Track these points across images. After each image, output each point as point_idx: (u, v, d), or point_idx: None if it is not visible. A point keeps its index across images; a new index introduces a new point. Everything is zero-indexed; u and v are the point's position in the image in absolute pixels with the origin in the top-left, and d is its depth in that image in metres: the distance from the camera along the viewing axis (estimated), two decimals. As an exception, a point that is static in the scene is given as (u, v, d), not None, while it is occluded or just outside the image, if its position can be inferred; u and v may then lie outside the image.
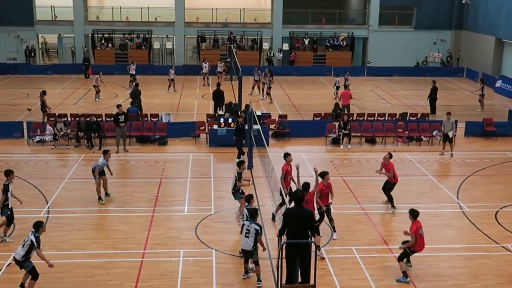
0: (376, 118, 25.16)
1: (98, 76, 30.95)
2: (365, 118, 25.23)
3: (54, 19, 43.30)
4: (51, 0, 42.01)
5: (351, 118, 24.47)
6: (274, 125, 24.40)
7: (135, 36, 42.50)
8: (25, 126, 23.34)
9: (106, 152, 17.03)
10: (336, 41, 43.21)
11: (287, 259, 10.83)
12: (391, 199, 16.33)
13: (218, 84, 27.91)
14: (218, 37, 42.61)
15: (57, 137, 22.31)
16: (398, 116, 25.70)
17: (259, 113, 24.39)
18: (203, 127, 23.53)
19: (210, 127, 23.00)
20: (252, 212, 12.18)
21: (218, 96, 26.65)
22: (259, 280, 11.99)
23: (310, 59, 42.75)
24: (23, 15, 40.93)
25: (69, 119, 23.74)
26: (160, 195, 17.34)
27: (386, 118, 25.18)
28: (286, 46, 43.23)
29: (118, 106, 22.39)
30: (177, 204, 16.71)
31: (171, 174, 19.37)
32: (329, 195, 14.27)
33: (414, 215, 12.34)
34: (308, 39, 43.21)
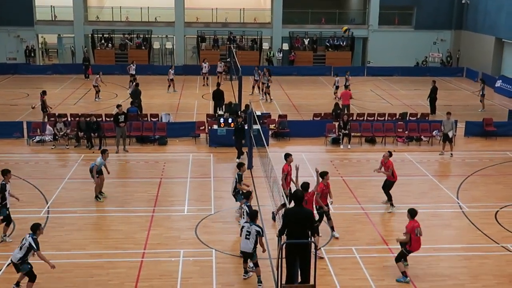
0: (376, 118, 25.16)
1: (98, 76, 30.96)
2: (365, 118, 25.23)
3: (54, 19, 43.28)
4: (51, 0, 42.01)
5: (351, 118, 24.47)
6: (274, 125, 24.40)
7: (135, 36, 42.48)
8: (25, 126, 23.35)
9: (104, 151, 17.02)
10: (336, 40, 43.22)
11: (287, 259, 10.82)
12: (390, 197, 16.37)
13: (218, 84, 27.90)
14: (218, 37, 42.60)
15: (57, 137, 22.31)
16: (398, 116, 25.70)
17: (259, 113, 24.39)
18: (203, 127, 23.54)
19: (210, 127, 23.00)
20: (253, 214, 12.17)
21: (218, 96, 26.66)
22: (259, 282, 11.97)
23: (310, 59, 42.74)
24: (23, 15, 40.92)
25: (69, 119, 23.74)
26: (160, 195, 17.34)
27: (386, 118, 25.18)
28: (286, 46, 43.22)
29: (118, 106, 22.40)
30: (177, 204, 16.72)
31: (171, 174, 19.37)
32: (327, 195, 14.30)
33: (412, 214, 12.34)
34: (308, 39, 43.20)
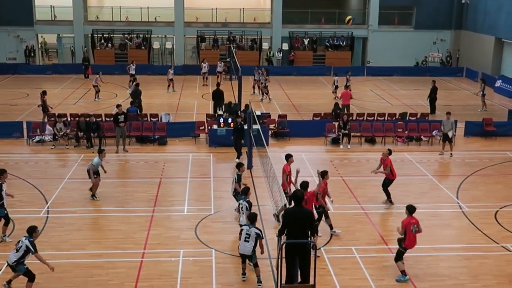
0: (375, 118, 25.16)
1: (98, 76, 30.97)
2: (364, 118, 25.23)
3: (53, 19, 43.28)
4: (50, 0, 42.01)
5: (351, 118, 24.47)
6: (274, 125, 24.39)
7: (134, 36, 42.50)
8: (24, 126, 23.33)
9: (101, 151, 17.02)
10: (336, 40, 43.23)
11: (286, 259, 10.82)
12: (388, 194, 16.45)
13: (217, 84, 27.90)
14: (218, 37, 42.62)
15: (56, 137, 22.30)
16: (397, 116, 25.70)
17: (258, 113, 24.39)
18: (203, 127, 23.53)
19: (209, 127, 22.99)
20: (252, 217, 12.12)
21: (218, 96, 26.65)
22: (259, 282, 11.95)
23: (309, 59, 42.75)
24: (23, 15, 40.92)
25: (68, 119, 23.74)
26: (160, 195, 17.33)
27: (386, 118, 25.18)
28: (285, 46, 43.22)
29: (118, 106, 22.39)
30: (176, 204, 16.71)
31: (171, 174, 19.36)
32: (326, 194, 14.35)
33: (410, 210, 12.33)
34: (308, 39, 43.21)
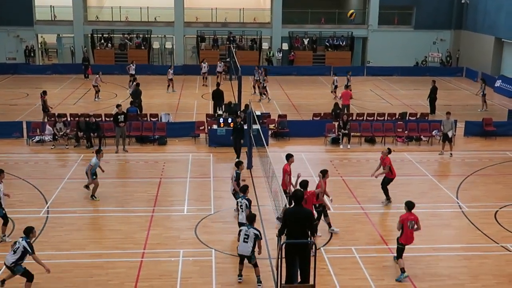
0: (375, 118, 25.16)
1: (98, 76, 30.97)
2: (364, 118, 25.23)
3: (53, 19, 43.26)
4: (50, 0, 42.01)
5: (351, 118, 24.47)
6: (274, 125, 24.39)
7: (134, 36, 42.50)
8: (24, 126, 23.33)
9: (99, 151, 17.03)
10: (335, 40, 43.23)
11: (286, 259, 10.82)
12: (387, 192, 16.50)
13: (217, 84, 27.89)
14: (218, 37, 42.62)
15: (56, 137, 22.30)
16: (397, 116, 25.70)
17: (258, 113, 24.39)
18: (203, 127, 23.53)
19: (209, 127, 22.99)
20: (251, 218, 12.14)
21: (218, 96, 26.64)
22: (259, 282, 11.95)
23: (309, 59, 42.75)
24: (23, 15, 40.91)
25: (68, 119, 23.73)
26: (160, 195, 17.33)
27: (386, 118, 25.19)
28: (285, 46, 43.22)
29: (118, 106, 22.39)
30: (176, 204, 16.71)
31: (171, 174, 19.36)
32: (325, 193, 14.38)
33: (409, 206, 12.37)
34: (308, 39, 43.21)
